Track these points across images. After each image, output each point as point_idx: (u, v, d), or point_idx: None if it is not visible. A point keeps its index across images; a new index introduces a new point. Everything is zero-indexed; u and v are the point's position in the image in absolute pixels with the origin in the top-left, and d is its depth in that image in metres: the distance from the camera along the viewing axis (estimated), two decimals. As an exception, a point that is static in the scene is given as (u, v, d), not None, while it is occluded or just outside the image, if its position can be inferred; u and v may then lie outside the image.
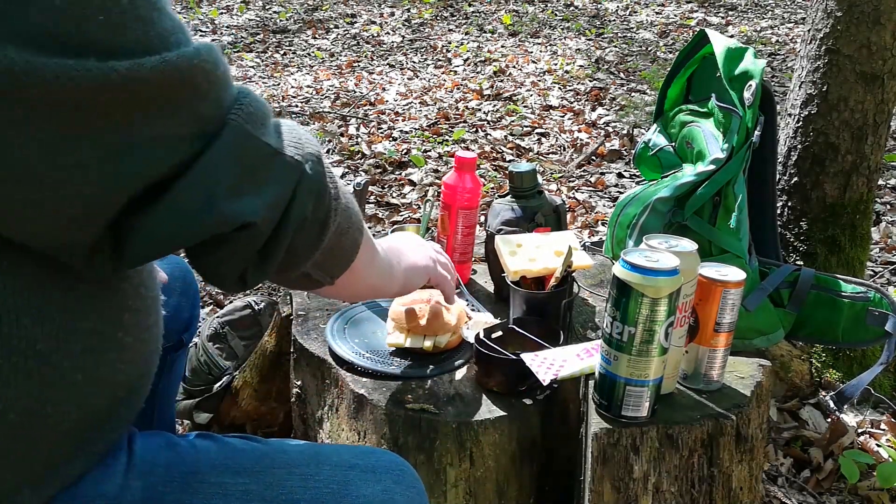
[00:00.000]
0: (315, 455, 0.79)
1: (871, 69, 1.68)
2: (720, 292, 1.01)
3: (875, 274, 2.34)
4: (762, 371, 1.11)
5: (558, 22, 6.28)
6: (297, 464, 0.77)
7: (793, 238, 1.82)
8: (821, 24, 1.73)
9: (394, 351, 1.22)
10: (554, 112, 4.09)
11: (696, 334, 1.04)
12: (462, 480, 1.08)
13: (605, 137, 3.65)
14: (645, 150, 1.71)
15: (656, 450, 0.98)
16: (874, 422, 1.71)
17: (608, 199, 2.99)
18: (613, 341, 0.95)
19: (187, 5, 6.89)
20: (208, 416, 1.61)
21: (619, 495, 1.00)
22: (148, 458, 0.74)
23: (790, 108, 1.82)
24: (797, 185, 1.80)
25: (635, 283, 0.90)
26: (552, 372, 1.05)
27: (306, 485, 0.75)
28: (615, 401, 0.97)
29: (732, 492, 1.04)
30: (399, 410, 1.08)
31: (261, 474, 0.75)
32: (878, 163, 1.78)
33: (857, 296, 1.46)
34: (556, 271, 1.22)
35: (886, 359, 1.40)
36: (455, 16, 6.62)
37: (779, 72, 4.72)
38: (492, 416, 1.07)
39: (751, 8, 6.62)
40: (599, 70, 4.87)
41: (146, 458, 0.74)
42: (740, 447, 1.02)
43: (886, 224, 2.71)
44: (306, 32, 6.11)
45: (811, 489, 1.54)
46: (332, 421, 1.19)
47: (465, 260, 1.46)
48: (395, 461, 0.82)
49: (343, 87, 4.64)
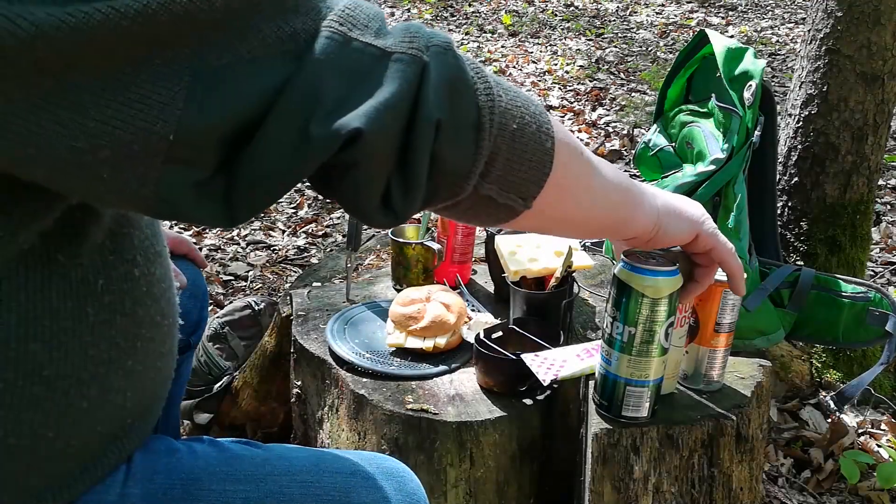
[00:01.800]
0: (316, 462, 0.78)
1: (872, 69, 1.68)
2: (720, 292, 1.01)
3: (875, 274, 2.34)
4: (762, 371, 1.11)
5: (558, 22, 6.28)
6: (298, 471, 0.77)
7: (793, 238, 1.82)
8: (821, 25, 1.73)
9: (394, 351, 1.22)
10: (554, 112, 4.09)
11: (696, 334, 1.04)
12: (462, 480, 1.08)
13: (606, 137, 3.65)
14: (645, 151, 1.71)
15: (656, 450, 0.98)
16: (874, 422, 1.71)
17: (608, 200, 2.99)
18: (613, 341, 0.94)
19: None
20: (208, 417, 1.61)
21: (619, 495, 0.99)
22: (147, 465, 0.73)
23: (790, 108, 1.82)
24: (797, 185, 1.79)
25: (635, 283, 0.90)
26: (552, 372, 1.05)
27: (307, 492, 0.74)
28: (615, 401, 0.97)
29: (732, 492, 1.04)
30: (399, 410, 1.07)
31: (261, 482, 0.75)
32: (879, 163, 1.78)
33: (857, 296, 1.46)
34: (556, 271, 1.22)
35: (887, 359, 1.40)
36: (455, 16, 6.62)
37: (779, 72, 4.72)
38: (492, 416, 1.07)
39: (751, 8, 6.62)
40: (599, 70, 4.87)
41: (145, 465, 0.73)
42: (740, 447, 1.02)
43: (886, 224, 2.71)
44: (306, 33, 6.10)
45: (811, 489, 1.54)
46: (332, 421, 1.19)
47: (465, 260, 1.46)
48: (396, 468, 0.82)
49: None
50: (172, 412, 1.37)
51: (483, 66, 0.60)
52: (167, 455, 0.76)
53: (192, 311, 1.26)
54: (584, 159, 0.69)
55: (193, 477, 0.74)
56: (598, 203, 0.73)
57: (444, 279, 1.42)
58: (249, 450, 0.80)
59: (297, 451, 0.81)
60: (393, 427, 1.08)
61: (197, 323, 1.30)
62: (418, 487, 0.82)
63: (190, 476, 0.74)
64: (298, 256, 2.54)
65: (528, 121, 0.61)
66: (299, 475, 0.76)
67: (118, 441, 0.70)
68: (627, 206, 0.76)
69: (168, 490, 0.72)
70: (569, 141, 0.65)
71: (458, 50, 0.57)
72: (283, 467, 0.77)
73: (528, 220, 0.66)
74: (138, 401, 0.69)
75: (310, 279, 1.50)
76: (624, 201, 0.76)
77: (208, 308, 1.34)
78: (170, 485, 0.72)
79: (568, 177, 0.66)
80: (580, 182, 0.69)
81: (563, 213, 0.70)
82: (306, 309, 1.36)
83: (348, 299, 1.39)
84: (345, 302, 1.38)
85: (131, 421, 0.70)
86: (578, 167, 0.68)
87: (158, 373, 0.72)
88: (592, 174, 0.70)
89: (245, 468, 0.76)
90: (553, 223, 0.72)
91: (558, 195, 0.66)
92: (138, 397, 0.69)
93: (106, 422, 0.67)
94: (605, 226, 0.79)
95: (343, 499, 0.75)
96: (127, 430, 0.70)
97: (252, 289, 2.32)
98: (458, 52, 0.57)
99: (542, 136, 0.62)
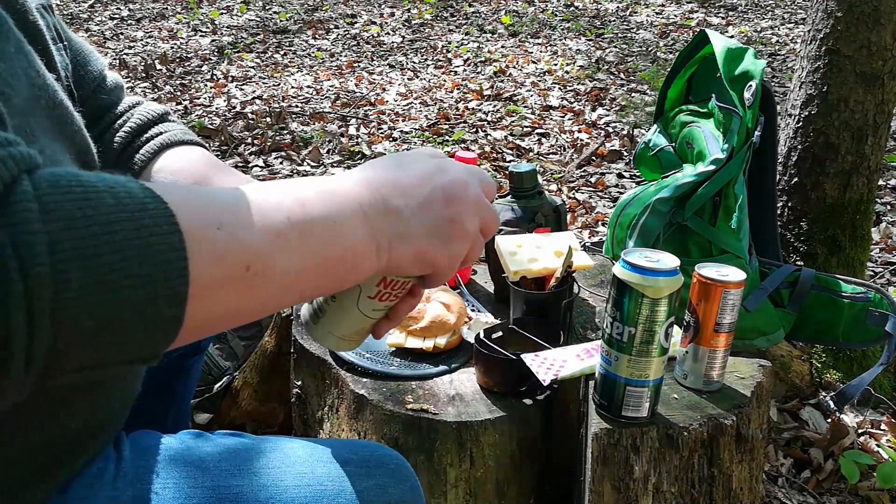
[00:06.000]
0: (310, 452, 0.79)
1: (872, 69, 1.68)
2: (720, 293, 1.01)
3: (875, 274, 2.34)
4: (762, 371, 1.11)
5: (558, 22, 6.28)
6: (293, 462, 0.77)
7: (793, 238, 1.82)
8: (821, 25, 1.73)
9: (394, 351, 1.21)
10: (554, 112, 4.09)
11: (697, 334, 1.04)
12: (462, 480, 1.08)
13: (606, 138, 3.65)
14: (645, 151, 1.71)
15: (656, 450, 0.98)
16: (874, 422, 1.71)
17: (608, 200, 2.99)
18: (613, 341, 0.95)
19: (187, 5, 6.89)
20: (208, 417, 1.61)
21: (619, 495, 0.99)
22: (139, 464, 0.73)
23: (790, 108, 1.82)
24: (797, 185, 1.79)
25: (635, 283, 0.90)
26: (552, 372, 1.05)
27: (301, 483, 0.75)
28: (615, 401, 0.97)
29: (732, 492, 1.04)
30: (399, 410, 1.07)
31: (256, 475, 0.75)
32: (879, 163, 1.78)
33: (857, 296, 1.46)
34: (556, 272, 1.22)
35: (886, 359, 1.40)
36: (455, 16, 6.62)
37: (779, 72, 4.72)
38: (492, 416, 1.07)
39: (751, 8, 6.62)
40: (599, 70, 4.87)
41: (137, 464, 0.73)
42: (740, 447, 1.02)
43: (886, 224, 2.71)
44: (306, 33, 6.10)
45: (811, 489, 1.54)
46: (333, 421, 1.19)
47: (466, 260, 1.46)
48: (389, 455, 0.82)
49: (343, 87, 4.64)
50: (183, 412, 1.37)
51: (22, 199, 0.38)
52: (160, 451, 0.75)
53: None
54: (244, 233, 0.47)
55: (187, 474, 0.73)
56: (290, 264, 0.50)
57: (444, 279, 1.42)
58: (243, 442, 0.79)
59: (290, 442, 0.81)
60: (393, 427, 1.08)
61: None
62: (411, 474, 0.82)
63: (183, 473, 0.73)
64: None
65: (130, 296, 0.41)
66: (293, 466, 0.76)
67: (80, 447, 0.69)
68: (338, 238, 0.53)
69: (162, 488, 0.72)
70: (214, 236, 0.45)
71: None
72: (277, 459, 0.77)
73: (195, 334, 0.47)
74: (96, 417, 0.69)
75: (310, 279, 1.50)
76: (329, 234, 0.52)
77: None
78: (163, 483, 0.72)
79: (223, 270, 0.46)
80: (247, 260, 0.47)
81: (240, 304, 0.49)
82: (306, 309, 1.36)
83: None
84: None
85: (91, 433, 0.70)
86: (238, 255, 0.47)
87: (114, 395, 0.71)
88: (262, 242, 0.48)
89: (239, 461, 0.76)
90: (232, 316, 0.50)
91: (222, 297, 0.47)
92: (95, 415, 0.68)
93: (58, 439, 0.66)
94: (315, 288, 0.55)
95: (337, 487, 0.75)
96: (85, 440, 0.70)
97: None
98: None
99: (160, 302, 0.42)
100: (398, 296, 0.67)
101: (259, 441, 0.80)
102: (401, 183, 0.57)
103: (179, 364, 1.30)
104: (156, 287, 0.42)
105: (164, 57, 5.25)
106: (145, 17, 6.60)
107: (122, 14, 6.67)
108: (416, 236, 0.57)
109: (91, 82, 0.94)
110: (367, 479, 0.77)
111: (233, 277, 0.46)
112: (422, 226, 0.57)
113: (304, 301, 0.64)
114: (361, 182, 0.56)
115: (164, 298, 0.42)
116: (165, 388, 1.28)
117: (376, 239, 0.55)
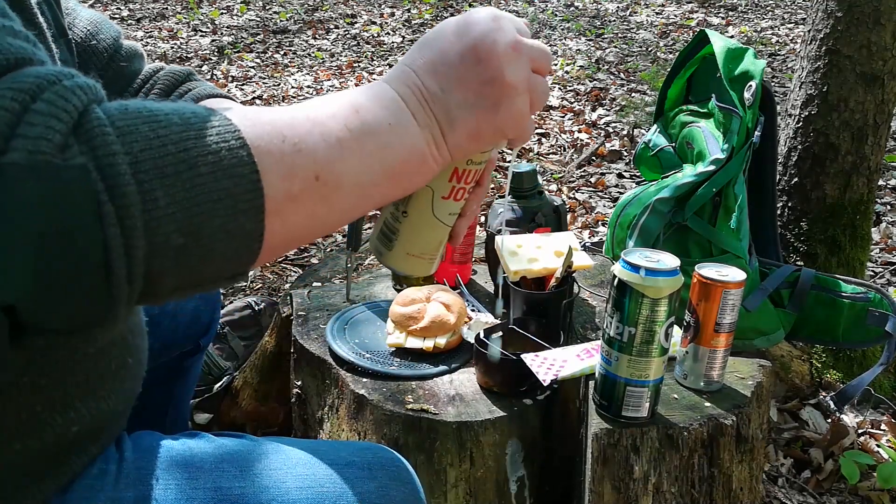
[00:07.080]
0: (311, 454, 0.79)
1: (872, 69, 1.68)
2: (720, 293, 1.01)
3: (875, 274, 2.34)
4: (762, 371, 1.11)
5: (558, 22, 6.28)
6: (294, 464, 0.77)
7: (793, 238, 1.82)
8: (821, 25, 1.73)
9: (394, 351, 1.21)
10: (554, 112, 4.09)
11: (697, 334, 1.04)
12: (462, 480, 1.08)
13: (606, 138, 3.65)
14: (645, 151, 1.71)
15: (656, 450, 0.98)
16: (874, 422, 1.71)
17: (608, 200, 2.99)
18: (614, 341, 0.95)
19: (187, 5, 6.89)
20: (208, 417, 1.61)
21: (619, 495, 0.99)
22: (141, 465, 0.73)
23: (790, 108, 1.82)
24: (797, 185, 1.79)
25: (635, 283, 0.90)
26: (552, 372, 1.05)
27: (303, 485, 0.75)
28: (615, 401, 0.97)
29: (732, 492, 1.04)
30: (399, 410, 1.07)
31: (257, 476, 0.75)
32: (879, 163, 1.78)
33: (857, 296, 1.47)
34: (556, 272, 1.22)
35: (886, 359, 1.40)
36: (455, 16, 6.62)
37: (779, 72, 4.72)
38: (492, 416, 1.07)
39: (751, 8, 6.62)
40: (599, 70, 4.87)
41: (139, 465, 0.73)
42: (740, 447, 1.02)
43: (886, 224, 2.71)
44: (306, 33, 6.10)
45: (811, 490, 1.54)
46: (333, 421, 1.19)
47: (465, 260, 1.46)
48: (390, 458, 0.82)
49: (343, 87, 4.64)
50: (182, 412, 1.37)
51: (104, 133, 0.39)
52: (161, 452, 0.75)
53: (203, 313, 1.26)
54: (309, 144, 0.48)
55: (188, 475, 0.73)
56: (361, 171, 0.51)
57: (444, 279, 1.42)
58: (244, 444, 0.79)
59: (291, 444, 0.81)
60: (393, 427, 1.08)
61: (208, 325, 1.30)
62: (412, 476, 0.82)
63: (185, 474, 0.73)
64: (298, 256, 2.54)
65: (211, 210, 0.42)
66: (295, 468, 0.76)
67: (77, 449, 0.69)
68: (395, 145, 0.52)
69: (164, 490, 0.72)
70: (283, 149, 0.46)
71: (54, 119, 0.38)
72: (279, 461, 0.77)
73: (284, 245, 0.49)
74: (88, 421, 0.69)
75: (310, 279, 1.50)
76: (386, 142, 0.52)
77: (220, 309, 1.33)
78: (165, 485, 0.72)
79: (297, 186, 0.47)
80: (317, 175, 0.48)
81: (316, 215, 0.50)
82: (306, 309, 1.36)
83: (348, 299, 1.39)
84: (345, 302, 1.38)
85: (87, 437, 0.70)
86: (305, 166, 0.48)
87: (106, 402, 0.71)
88: (328, 157, 0.49)
89: (240, 463, 0.76)
90: (312, 228, 0.51)
91: (298, 209, 0.48)
92: (86, 421, 0.68)
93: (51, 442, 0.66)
94: (386, 193, 0.54)
95: (339, 490, 0.75)
96: (82, 442, 0.70)
97: (252, 289, 2.32)
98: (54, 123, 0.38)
99: (240, 216, 0.43)
100: (469, 191, 0.65)
101: (260, 442, 0.80)
102: (429, 63, 0.54)
103: (179, 364, 1.30)
104: (234, 199, 0.43)
105: (165, 57, 5.25)
106: (145, 17, 6.61)
107: (122, 14, 6.67)
108: (461, 115, 0.54)
109: (104, 51, 0.94)
110: (368, 481, 0.77)
111: (305, 188, 0.48)
112: (463, 101, 0.54)
113: (381, 206, 0.60)
114: (399, 78, 0.55)
115: (242, 211, 0.44)
116: (165, 388, 1.28)
117: (429, 130, 0.54)
